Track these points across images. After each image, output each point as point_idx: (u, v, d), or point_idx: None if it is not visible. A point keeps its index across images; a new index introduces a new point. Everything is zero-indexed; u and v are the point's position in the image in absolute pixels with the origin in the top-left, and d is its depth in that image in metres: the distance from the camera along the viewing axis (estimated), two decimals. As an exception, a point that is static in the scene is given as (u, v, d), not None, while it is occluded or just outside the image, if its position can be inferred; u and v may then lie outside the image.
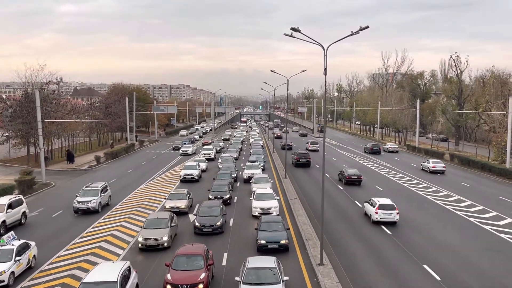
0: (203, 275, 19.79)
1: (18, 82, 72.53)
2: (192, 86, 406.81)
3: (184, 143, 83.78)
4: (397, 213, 32.32)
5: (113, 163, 66.51)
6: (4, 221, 29.20)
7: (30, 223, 32.94)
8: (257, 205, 34.13)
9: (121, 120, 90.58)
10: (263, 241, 25.66)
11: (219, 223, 29.33)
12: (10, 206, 30.56)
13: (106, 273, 18.47)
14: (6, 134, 64.05)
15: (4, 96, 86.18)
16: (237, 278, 19.54)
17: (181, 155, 73.01)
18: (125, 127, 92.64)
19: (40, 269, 23.81)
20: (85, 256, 25.42)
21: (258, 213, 33.20)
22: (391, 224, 32.03)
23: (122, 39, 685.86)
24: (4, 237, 22.56)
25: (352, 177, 48.73)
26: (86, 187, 37.00)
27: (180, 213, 33.78)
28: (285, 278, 19.44)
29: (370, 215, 33.39)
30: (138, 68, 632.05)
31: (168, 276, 19.78)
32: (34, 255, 23.90)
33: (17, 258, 21.78)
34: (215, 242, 27.63)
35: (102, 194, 36.49)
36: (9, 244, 22.19)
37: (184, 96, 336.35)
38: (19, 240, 23.27)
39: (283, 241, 25.74)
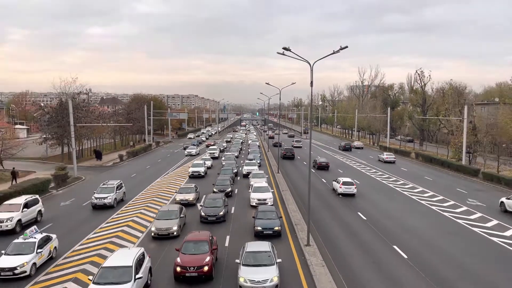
0: (208, 259, 19.56)
1: (54, 93, 72.17)
2: (200, 96, 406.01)
3: (193, 144, 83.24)
4: (355, 188, 38.25)
5: (134, 161, 66.32)
6: (20, 220, 27.24)
7: (65, 211, 32.90)
8: (254, 196, 33.98)
9: (140, 124, 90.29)
10: (259, 228, 25.54)
11: (221, 213, 29.01)
12: (26, 205, 28.49)
13: (123, 259, 18.05)
14: (44, 136, 63.87)
15: (42, 104, 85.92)
16: (237, 260, 19.37)
17: (186, 155, 70.11)
18: (143, 130, 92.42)
19: (73, 249, 23.72)
20: (107, 241, 25.01)
21: (256, 203, 33.06)
22: (351, 196, 37.78)
23: (140, 56, 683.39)
24: (28, 231, 21.56)
25: (322, 163, 56.63)
26: (103, 184, 35.38)
27: (188, 204, 33.31)
28: (278, 260, 19.30)
29: (336, 189, 39.38)
30: (154, 80, 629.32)
31: (178, 259, 19.51)
32: (55, 247, 22.73)
33: (39, 250, 20.87)
34: (219, 228, 27.59)
35: (117, 191, 34.81)
36: (32, 237, 21.28)
37: (193, 104, 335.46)
38: (41, 233, 22.19)
39: (276, 228, 25.66)
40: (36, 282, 19.49)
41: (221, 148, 77.03)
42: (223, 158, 59.71)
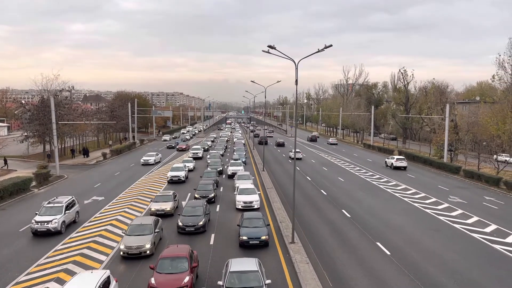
0: (187, 279, 17.01)
1: (35, 90, 71.01)
2: (185, 94, 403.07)
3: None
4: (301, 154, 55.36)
5: (118, 159, 65.54)
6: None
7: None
8: (240, 199, 32.06)
9: (124, 122, 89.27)
10: (244, 237, 23.10)
11: (201, 223, 25.92)
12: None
13: (83, 285, 15.07)
14: (25, 134, 62.72)
15: (23, 102, 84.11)
16: (220, 282, 16.74)
17: (142, 164, 56.97)
18: (127, 128, 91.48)
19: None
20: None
21: (241, 206, 31.46)
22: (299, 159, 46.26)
23: (124, 53, 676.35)
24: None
25: (279, 142, 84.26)
26: (49, 203, 27.60)
27: (165, 215, 29.45)
28: (268, 281, 16.81)
29: (291, 156, 57.80)
30: (138, 78, 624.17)
31: (152, 280, 16.91)
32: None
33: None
34: (200, 239, 24.79)
35: (66, 212, 27.04)
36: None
37: (178, 102, 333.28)
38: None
39: (263, 237, 23.17)
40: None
41: (206, 147, 75.02)
42: (208, 156, 59.37)
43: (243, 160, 55.86)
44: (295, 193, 26.06)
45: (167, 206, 30.12)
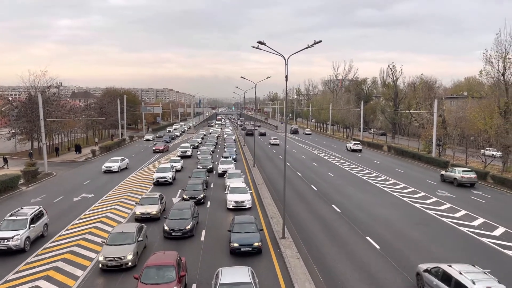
0: None
1: (22, 86, 69.72)
2: (175, 90, 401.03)
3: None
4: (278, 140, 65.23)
5: (107, 156, 64.80)
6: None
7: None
8: (231, 198, 30.79)
9: (113, 119, 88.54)
10: (235, 244, 21.30)
11: (189, 227, 24.14)
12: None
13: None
14: (13, 131, 61.86)
15: (10, 98, 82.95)
16: None
17: (104, 171, 48.03)
18: (117, 125, 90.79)
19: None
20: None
21: (233, 206, 30.26)
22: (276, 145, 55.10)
23: (113, 49, 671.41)
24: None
25: (251, 129, 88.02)
26: (11, 215, 23.97)
27: (151, 219, 27.56)
28: None
29: (270, 142, 74.02)
30: (128, 74, 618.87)
31: None
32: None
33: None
34: (188, 244, 23.26)
35: (31, 226, 23.34)
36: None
37: (168, 98, 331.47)
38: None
39: (256, 244, 21.35)
40: None
41: (195, 144, 73.92)
42: (198, 152, 59.21)
43: (234, 157, 55.45)
44: (286, 188, 26.12)
45: (153, 209, 28.00)
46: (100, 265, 19.61)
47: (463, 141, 61.95)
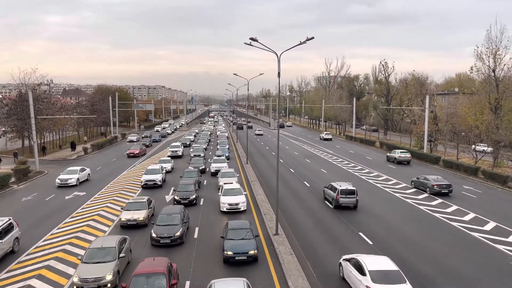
0: None
1: (13, 84, 69.14)
2: (167, 87, 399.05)
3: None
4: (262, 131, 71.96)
5: (99, 153, 64.63)
6: None
7: (28, 205, 31.65)
8: (225, 200, 29.07)
9: (105, 116, 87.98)
10: (230, 252, 19.68)
11: (178, 233, 22.33)
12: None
13: None
14: (3, 129, 61.27)
15: (0, 96, 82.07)
16: None
17: (58, 186, 38.87)
18: (108, 122, 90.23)
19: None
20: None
21: (227, 209, 28.70)
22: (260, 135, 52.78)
23: (104, 46, 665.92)
24: None
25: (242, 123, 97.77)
26: None
27: (138, 226, 25.48)
28: None
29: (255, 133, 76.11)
30: (119, 71, 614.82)
31: None
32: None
33: None
34: (179, 251, 21.57)
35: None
36: None
37: (160, 95, 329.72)
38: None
39: (252, 252, 19.70)
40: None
41: (188, 143, 73.21)
42: (191, 150, 59.02)
43: (227, 155, 54.80)
44: (279, 185, 26.15)
45: (140, 215, 25.71)
46: (75, 287, 17.19)
47: (454, 137, 62.47)
